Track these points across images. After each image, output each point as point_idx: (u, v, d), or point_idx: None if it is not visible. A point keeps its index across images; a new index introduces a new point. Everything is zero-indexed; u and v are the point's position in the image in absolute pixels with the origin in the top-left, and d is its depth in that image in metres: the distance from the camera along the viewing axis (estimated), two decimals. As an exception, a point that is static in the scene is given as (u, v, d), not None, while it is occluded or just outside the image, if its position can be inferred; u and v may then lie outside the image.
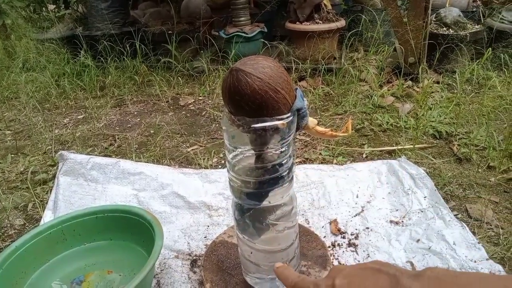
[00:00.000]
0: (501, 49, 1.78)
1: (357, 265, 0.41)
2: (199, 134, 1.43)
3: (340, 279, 0.38)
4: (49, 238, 0.77)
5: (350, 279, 0.38)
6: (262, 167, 0.57)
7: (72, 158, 1.10)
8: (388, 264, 0.38)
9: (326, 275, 0.42)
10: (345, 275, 0.38)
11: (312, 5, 1.89)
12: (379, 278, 0.36)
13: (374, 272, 0.37)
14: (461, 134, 1.28)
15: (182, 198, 0.99)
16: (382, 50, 1.79)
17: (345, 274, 0.38)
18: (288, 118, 0.53)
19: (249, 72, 0.49)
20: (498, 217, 0.92)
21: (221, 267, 0.75)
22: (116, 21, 2.26)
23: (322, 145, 1.27)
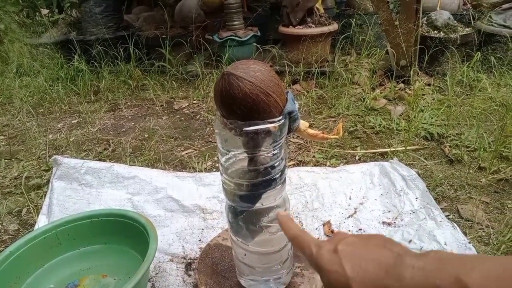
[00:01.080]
0: (490, 52, 1.80)
1: (361, 235, 0.40)
2: (194, 138, 1.44)
3: (343, 246, 0.36)
4: (43, 243, 0.77)
5: (353, 248, 0.36)
6: (255, 170, 0.58)
7: (66, 163, 1.10)
8: (392, 241, 0.37)
9: (329, 238, 0.41)
10: (348, 243, 0.37)
11: (305, 9, 1.91)
12: (383, 253, 0.35)
13: (378, 246, 0.36)
14: (452, 135, 1.30)
15: (177, 201, 0.99)
16: (374, 53, 1.81)
17: (349, 242, 0.37)
18: (279, 121, 0.54)
19: (241, 76, 0.50)
20: (489, 217, 0.94)
21: (215, 270, 0.76)
22: (110, 26, 2.26)
23: (315, 147, 1.28)
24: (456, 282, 0.28)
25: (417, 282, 0.30)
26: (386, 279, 0.32)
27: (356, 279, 0.33)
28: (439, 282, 0.29)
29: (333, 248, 0.37)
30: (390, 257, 0.34)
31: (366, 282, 0.33)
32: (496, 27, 1.91)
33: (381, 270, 0.33)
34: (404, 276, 0.31)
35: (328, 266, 0.36)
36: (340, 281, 0.34)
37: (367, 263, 0.34)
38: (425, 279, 0.30)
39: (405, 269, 0.32)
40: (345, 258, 0.35)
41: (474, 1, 2.42)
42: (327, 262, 0.36)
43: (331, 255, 0.36)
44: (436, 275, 0.30)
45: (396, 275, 0.32)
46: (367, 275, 0.33)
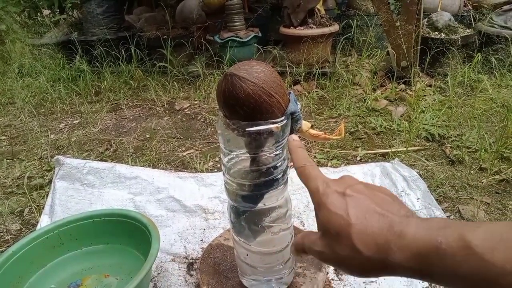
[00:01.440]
0: (491, 53, 1.81)
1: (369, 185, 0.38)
2: (195, 138, 1.44)
3: (352, 191, 0.36)
4: (46, 243, 0.78)
5: (362, 196, 0.35)
6: (257, 170, 0.58)
7: (68, 163, 1.10)
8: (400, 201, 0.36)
9: (337, 179, 0.39)
10: (357, 190, 0.36)
11: (306, 10, 1.91)
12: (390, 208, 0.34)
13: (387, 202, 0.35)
14: (454, 136, 1.30)
15: (178, 201, 1.00)
16: (375, 54, 1.81)
17: (358, 189, 0.36)
18: (282, 121, 0.54)
19: (243, 76, 0.50)
20: (490, 217, 0.94)
21: (217, 270, 0.76)
22: (111, 26, 2.27)
23: (317, 148, 1.28)
24: (459, 239, 0.28)
25: (419, 238, 0.30)
26: (388, 234, 0.32)
27: (358, 227, 0.33)
28: (442, 239, 0.29)
29: (341, 191, 0.36)
30: (397, 215, 0.33)
31: (367, 233, 0.32)
32: (497, 28, 1.91)
33: (384, 225, 0.32)
34: (406, 233, 0.31)
35: (332, 207, 0.35)
36: (340, 225, 0.34)
37: (372, 215, 0.33)
38: (427, 236, 0.30)
39: (409, 227, 0.31)
40: (351, 205, 0.34)
41: (475, 2, 2.43)
42: (333, 203, 0.35)
43: (338, 198, 0.36)
44: (439, 233, 0.29)
45: (398, 231, 0.31)
46: (369, 226, 0.33)
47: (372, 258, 0.32)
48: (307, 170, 0.41)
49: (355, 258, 0.33)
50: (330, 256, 0.35)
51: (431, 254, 0.29)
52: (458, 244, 0.27)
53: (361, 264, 0.33)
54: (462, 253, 0.27)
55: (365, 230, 0.33)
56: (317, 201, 0.37)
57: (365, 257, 0.32)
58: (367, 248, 0.32)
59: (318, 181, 0.39)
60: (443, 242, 0.28)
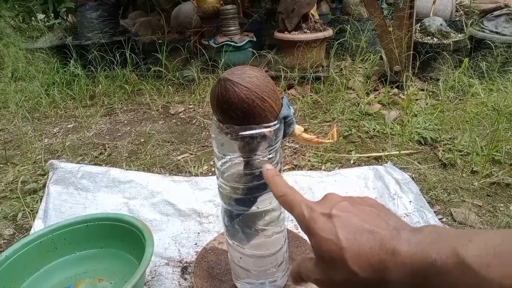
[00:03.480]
0: (482, 57, 1.83)
1: (353, 199, 0.37)
2: (190, 142, 1.45)
3: (338, 211, 0.35)
4: (39, 247, 0.77)
5: (348, 214, 0.35)
6: (251, 174, 0.59)
7: (62, 167, 1.10)
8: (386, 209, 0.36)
9: (320, 200, 0.39)
10: (342, 209, 0.35)
11: (300, 15, 1.93)
12: (379, 224, 0.33)
13: (374, 216, 0.34)
14: (446, 140, 1.32)
15: (173, 205, 1.00)
16: (368, 59, 1.83)
17: (343, 207, 0.35)
18: (275, 125, 0.55)
19: (236, 81, 0.51)
20: (481, 220, 0.95)
21: (211, 274, 0.76)
22: (106, 31, 2.27)
23: (310, 152, 1.29)
24: (453, 256, 0.27)
25: (412, 256, 0.29)
26: (381, 253, 0.31)
27: (350, 250, 0.32)
28: (436, 256, 0.28)
29: (327, 213, 0.35)
30: (386, 229, 0.33)
31: (361, 254, 0.32)
32: (487, 33, 1.94)
33: (376, 244, 0.32)
34: (399, 250, 0.30)
35: (322, 233, 0.34)
36: (333, 250, 0.33)
37: (362, 235, 0.33)
38: (421, 253, 0.29)
39: (401, 244, 0.30)
40: (340, 227, 0.34)
41: (466, 7, 2.46)
42: (321, 228, 0.35)
43: (325, 221, 0.35)
44: (432, 249, 0.29)
45: (391, 249, 0.31)
46: (361, 247, 0.32)
47: (369, 278, 0.32)
48: (289, 198, 0.40)
49: (352, 281, 0.32)
50: (328, 282, 0.35)
51: (427, 271, 0.28)
52: (452, 261, 0.27)
53: (359, 286, 0.33)
54: (458, 270, 0.27)
55: (358, 252, 0.32)
56: (305, 228, 0.37)
57: (362, 278, 0.32)
58: (362, 269, 0.32)
59: (302, 206, 0.38)
60: (437, 259, 0.28)
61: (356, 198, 0.38)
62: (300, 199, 0.39)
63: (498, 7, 2.24)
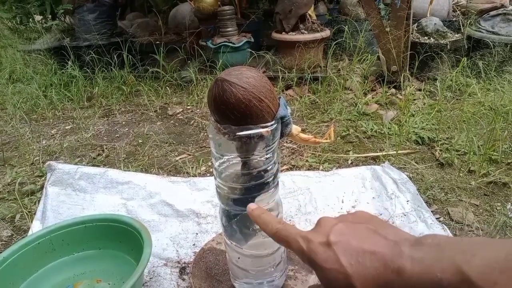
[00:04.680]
0: (479, 57, 1.84)
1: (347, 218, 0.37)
2: (188, 143, 1.45)
3: (335, 237, 0.34)
4: (37, 249, 0.77)
5: (346, 237, 0.34)
6: (248, 174, 0.59)
7: (60, 168, 1.10)
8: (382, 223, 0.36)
9: (315, 228, 0.38)
10: (339, 232, 0.35)
11: (297, 15, 1.93)
12: (378, 242, 0.33)
13: (371, 233, 0.34)
14: (443, 139, 1.32)
15: (171, 206, 1.00)
16: (366, 59, 1.83)
17: (339, 231, 0.35)
18: (272, 125, 0.55)
19: (234, 82, 0.51)
20: (479, 219, 0.95)
21: (209, 274, 0.76)
22: (104, 32, 2.27)
23: (308, 152, 1.29)
24: (457, 273, 0.27)
25: (417, 274, 0.29)
26: (386, 274, 0.31)
27: (356, 276, 0.32)
28: (441, 276, 0.28)
29: (324, 241, 0.35)
30: (386, 246, 0.32)
31: (367, 278, 0.32)
32: (484, 33, 1.95)
33: (380, 264, 0.32)
34: (404, 269, 0.30)
35: (325, 264, 0.34)
36: (340, 279, 0.33)
37: (364, 257, 0.33)
38: (426, 271, 0.29)
39: (404, 261, 0.30)
40: (341, 253, 0.33)
41: (463, 7, 2.47)
42: (323, 259, 0.34)
43: (325, 251, 0.34)
44: (436, 266, 0.29)
45: (396, 268, 0.31)
46: (367, 271, 0.32)
47: None
48: (282, 233, 0.39)
49: None
50: None
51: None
52: (458, 279, 0.27)
53: None
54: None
55: (364, 275, 0.32)
56: (308, 262, 0.36)
57: None
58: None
59: (298, 240, 0.37)
60: (442, 278, 0.28)
61: (349, 217, 0.38)
62: (294, 233, 0.38)
63: (494, 7, 2.25)
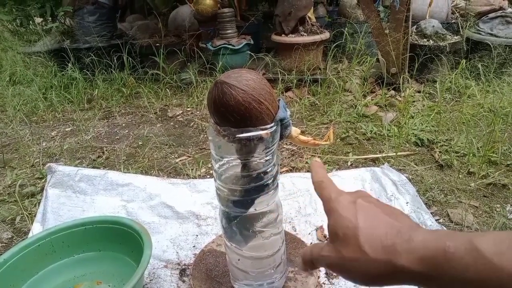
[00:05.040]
0: (478, 59, 1.84)
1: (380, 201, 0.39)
2: (188, 145, 1.45)
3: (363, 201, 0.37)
4: (38, 250, 0.77)
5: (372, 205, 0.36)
6: (248, 176, 0.59)
7: (60, 170, 1.10)
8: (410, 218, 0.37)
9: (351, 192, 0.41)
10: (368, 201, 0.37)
11: (297, 18, 1.94)
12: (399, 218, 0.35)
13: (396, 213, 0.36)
14: (442, 141, 1.33)
15: (171, 208, 1.00)
16: (365, 61, 1.84)
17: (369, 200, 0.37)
18: (271, 128, 0.56)
19: (233, 84, 0.52)
20: (478, 221, 0.96)
21: (210, 276, 0.76)
22: (104, 34, 2.27)
23: (308, 154, 1.30)
24: (468, 243, 0.28)
25: (426, 242, 0.30)
26: (395, 238, 0.32)
27: (365, 230, 0.34)
28: (450, 243, 0.29)
29: (353, 200, 0.37)
30: (406, 224, 0.34)
31: (374, 235, 0.33)
32: (483, 35, 1.96)
33: (393, 231, 0.33)
34: (414, 237, 0.31)
35: (341, 211, 0.36)
36: (348, 228, 0.34)
37: (379, 221, 0.34)
38: (436, 240, 0.30)
39: (416, 233, 0.32)
40: (361, 211, 0.35)
41: (462, 10, 2.48)
42: (342, 208, 0.36)
43: (348, 204, 0.37)
44: (448, 237, 0.29)
45: (406, 236, 0.32)
46: (377, 230, 0.33)
47: (377, 260, 0.32)
48: (324, 184, 0.42)
49: (361, 260, 0.33)
50: (336, 260, 0.35)
51: (438, 257, 0.29)
52: (466, 247, 0.28)
53: (366, 268, 0.33)
54: (470, 257, 0.27)
55: (372, 233, 0.33)
56: (328, 208, 0.38)
57: (370, 259, 0.33)
58: (373, 249, 0.33)
59: (331, 190, 0.40)
60: (451, 245, 0.29)
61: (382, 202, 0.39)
62: (333, 186, 0.41)
63: (493, 10, 2.26)
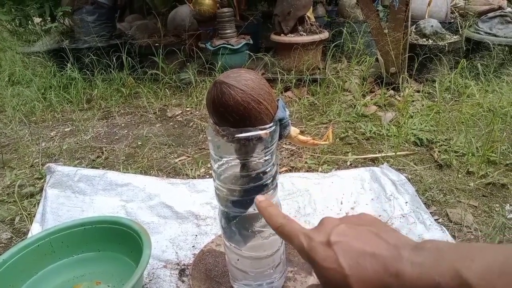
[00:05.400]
0: (477, 59, 1.84)
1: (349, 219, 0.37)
2: (187, 145, 1.45)
3: (337, 237, 0.35)
4: (37, 251, 0.77)
5: (347, 239, 0.34)
6: (247, 176, 0.59)
7: (59, 171, 1.10)
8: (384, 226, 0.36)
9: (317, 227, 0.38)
10: (340, 233, 0.35)
11: (296, 17, 1.94)
12: (379, 245, 0.33)
13: (372, 236, 0.34)
14: (441, 141, 1.33)
15: (170, 208, 1.00)
16: (364, 61, 1.84)
17: (341, 232, 0.35)
18: (270, 128, 0.55)
19: (232, 84, 0.52)
20: (477, 220, 0.96)
21: (209, 276, 0.76)
22: (103, 34, 2.27)
23: (307, 153, 1.30)
24: (456, 277, 0.27)
25: (416, 279, 0.29)
26: (385, 277, 0.31)
27: (355, 277, 0.32)
28: (439, 279, 0.28)
29: (325, 241, 0.35)
30: (387, 250, 0.32)
31: (365, 280, 0.32)
32: (482, 35, 1.96)
33: (379, 267, 0.32)
34: (403, 273, 0.30)
35: (324, 263, 0.34)
36: (337, 279, 0.33)
37: (364, 259, 0.33)
38: (425, 275, 0.29)
39: (404, 265, 0.30)
40: (341, 254, 0.34)
41: (461, 9, 2.48)
42: (322, 258, 0.34)
43: (325, 250, 0.35)
44: (435, 270, 0.29)
45: (395, 272, 0.31)
46: (366, 272, 0.32)
47: None
48: (286, 228, 0.39)
49: None
50: None
51: None
52: (456, 283, 0.27)
53: None
54: None
55: (362, 277, 0.32)
56: (307, 259, 0.37)
57: None
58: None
59: (300, 237, 0.37)
60: (441, 282, 0.28)
61: (352, 218, 0.38)
62: (297, 229, 0.39)
63: (492, 9, 2.26)
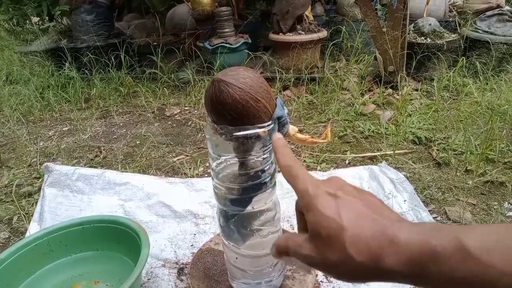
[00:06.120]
0: (476, 57, 1.85)
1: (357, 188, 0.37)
2: (185, 144, 1.45)
3: (343, 194, 0.34)
4: (35, 250, 0.77)
5: (352, 198, 0.34)
6: (245, 174, 0.59)
7: (57, 170, 1.10)
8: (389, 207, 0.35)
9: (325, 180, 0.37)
10: (348, 192, 0.35)
11: (295, 16, 1.93)
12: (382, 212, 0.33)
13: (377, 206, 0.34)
14: (440, 139, 1.33)
15: (169, 207, 1.00)
16: (363, 60, 1.84)
17: (348, 191, 0.35)
18: (269, 126, 0.55)
19: (230, 82, 0.51)
20: (476, 218, 0.96)
21: (207, 274, 0.76)
22: (101, 33, 2.27)
23: (306, 152, 1.30)
24: (454, 242, 0.27)
25: (412, 242, 0.29)
26: (381, 239, 0.31)
27: (351, 231, 0.32)
28: (436, 242, 0.27)
29: (332, 193, 0.34)
30: (388, 219, 0.32)
31: (361, 238, 0.31)
32: (480, 33, 1.96)
33: (377, 229, 0.31)
34: (399, 237, 0.30)
35: (323, 210, 0.33)
36: (333, 228, 0.32)
37: (364, 219, 0.32)
38: (421, 239, 0.29)
39: (401, 231, 0.30)
40: (343, 207, 0.33)
41: (459, 8, 2.48)
42: (324, 206, 0.34)
43: (329, 199, 0.34)
44: (433, 235, 0.28)
45: (391, 236, 0.30)
46: (362, 230, 0.31)
47: (364, 263, 0.31)
48: (294, 170, 0.38)
49: (346, 263, 0.32)
50: (319, 260, 0.34)
51: (425, 258, 0.28)
52: (453, 246, 0.26)
53: (352, 270, 0.32)
54: (458, 256, 0.26)
55: (359, 235, 0.31)
56: (306, 203, 0.35)
57: (357, 262, 0.31)
58: (360, 253, 0.31)
59: (306, 182, 0.36)
60: (437, 245, 0.27)
61: (360, 188, 0.37)
62: (305, 174, 0.38)
63: (490, 8, 2.26)
